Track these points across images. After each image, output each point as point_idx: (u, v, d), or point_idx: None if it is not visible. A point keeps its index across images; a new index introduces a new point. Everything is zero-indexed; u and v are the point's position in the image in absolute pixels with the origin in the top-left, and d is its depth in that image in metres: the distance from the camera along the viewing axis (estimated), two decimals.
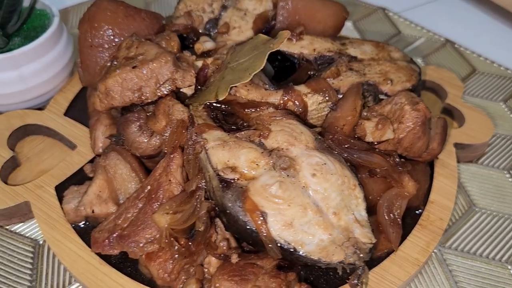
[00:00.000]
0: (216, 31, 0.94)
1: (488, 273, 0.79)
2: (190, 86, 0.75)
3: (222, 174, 0.66)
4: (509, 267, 0.80)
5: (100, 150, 0.84)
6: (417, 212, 0.81)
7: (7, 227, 0.83)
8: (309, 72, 0.86)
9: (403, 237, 0.76)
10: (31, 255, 0.80)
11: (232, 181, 0.66)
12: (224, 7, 0.96)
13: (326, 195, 0.65)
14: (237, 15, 0.95)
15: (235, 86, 0.73)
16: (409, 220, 0.80)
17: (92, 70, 0.85)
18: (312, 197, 0.65)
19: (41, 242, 0.81)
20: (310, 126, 0.80)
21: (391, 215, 0.72)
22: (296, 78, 0.86)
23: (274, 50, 0.71)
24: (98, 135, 0.84)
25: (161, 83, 0.74)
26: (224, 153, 0.68)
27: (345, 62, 0.86)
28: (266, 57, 0.71)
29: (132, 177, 0.75)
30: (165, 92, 0.74)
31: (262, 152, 0.69)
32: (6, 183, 0.84)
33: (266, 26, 0.94)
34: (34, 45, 0.90)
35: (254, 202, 0.63)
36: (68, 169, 0.85)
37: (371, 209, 0.72)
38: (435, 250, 0.81)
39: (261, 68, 0.70)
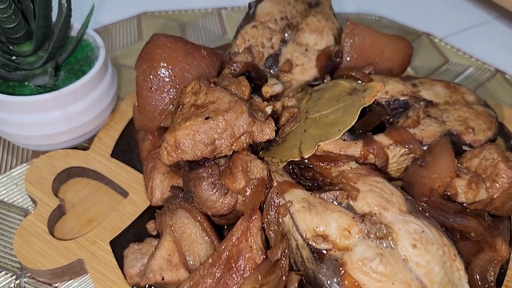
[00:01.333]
0: (277, 68, 0.87)
1: None
2: (269, 139, 0.69)
3: (314, 243, 0.60)
4: None
5: (159, 202, 0.78)
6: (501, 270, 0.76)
7: (56, 285, 0.76)
8: (382, 118, 0.80)
9: None
10: None
11: (325, 252, 0.60)
12: (284, 42, 0.90)
13: (429, 269, 0.60)
14: (298, 51, 0.89)
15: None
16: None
17: (151, 114, 0.78)
18: (414, 272, 0.59)
19: None
20: (389, 179, 0.75)
21: (486, 283, 0.67)
22: (366, 123, 0.80)
23: (366, 105, 0.65)
24: (156, 184, 0.78)
25: (237, 136, 0.68)
26: (312, 218, 0.62)
27: (422, 107, 0.80)
28: (358, 113, 0.65)
29: (203, 239, 0.69)
30: (242, 146, 0.67)
31: (353, 217, 0.63)
32: (53, 235, 0.77)
33: (330, 64, 0.88)
34: (82, 82, 0.83)
35: (354, 279, 0.58)
36: (122, 221, 0.78)
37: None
38: None
39: (353, 124, 0.64)
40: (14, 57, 0.84)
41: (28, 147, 0.92)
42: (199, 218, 0.69)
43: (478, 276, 0.67)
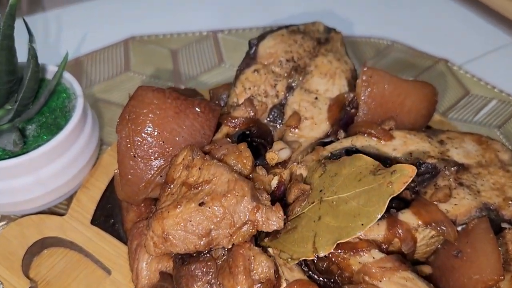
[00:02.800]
0: (282, 121, 0.76)
1: None
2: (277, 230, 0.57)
3: None
4: None
5: None
6: None
7: None
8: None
9: None
10: None
11: None
12: (289, 89, 0.78)
13: None
14: (307, 99, 0.77)
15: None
16: None
17: (135, 186, 0.66)
18: None
19: None
20: (415, 262, 0.64)
21: None
22: None
23: (394, 195, 0.54)
24: (142, 267, 0.66)
25: (238, 226, 0.56)
26: None
27: (453, 173, 0.69)
28: (387, 203, 0.53)
29: None
30: (245, 239, 0.56)
31: None
32: None
33: (343, 116, 0.76)
34: (55, 142, 0.71)
35: None
36: None
37: None
38: None
39: (379, 217, 0.53)
40: None
41: None
42: None
43: None
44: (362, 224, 0.53)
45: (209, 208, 0.56)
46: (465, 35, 1.31)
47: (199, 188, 0.58)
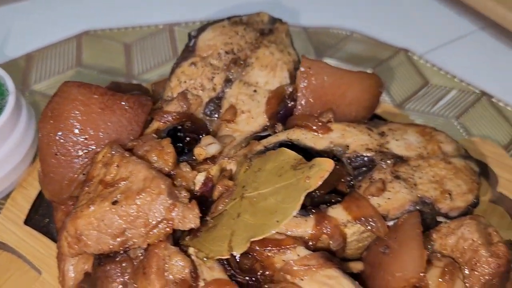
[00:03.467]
0: (218, 116, 0.73)
1: None
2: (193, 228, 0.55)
3: None
4: None
5: None
6: None
7: None
8: (341, 179, 0.67)
9: None
10: None
11: None
12: (228, 81, 0.76)
13: None
14: (245, 92, 0.75)
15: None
16: None
17: (58, 185, 0.64)
18: None
19: None
20: (346, 259, 0.62)
21: None
22: (324, 183, 0.66)
23: (310, 190, 0.52)
24: (68, 268, 0.64)
25: (153, 225, 0.54)
26: None
27: (390, 166, 0.67)
28: (302, 199, 0.51)
29: None
30: (160, 238, 0.54)
31: None
32: None
33: (282, 108, 0.74)
34: None
35: None
36: None
37: None
38: None
39: (294, 214, 0.51)
40: None
41: None
42: None
43: None
44: (278, 221, 0.51)
45: (123, 207, 0.54)
46: (429, 24, 1.28)
47: (115, 186, 0.56)
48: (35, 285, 0.68)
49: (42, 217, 0.76)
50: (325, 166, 0.53)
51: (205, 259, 0.54)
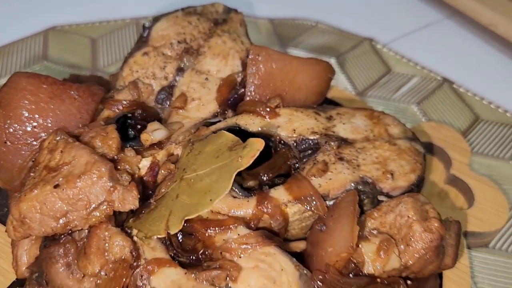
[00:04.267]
0: (168, 103, 0.75)
1: None
2: (133, 209, 0.57)
3: None
4: None
5: (26, 274, 0.65)
6: None
7: None
8: (288, 162, 0.69)
9: None
10: None
11: None
12: (180, 70, 0.77)
13: None
14: (197, 80, 0.76)
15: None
16: None
17: (9, 172, 0.65)
18: None
19: None
20: (289, 239, 0.64)
21: None
22: (271, 166, 0.68)
23: (242, 168, 0.53)
24: (21, 254, 0.65)
25: (94, 207, 0.56)
26: None
27: (334, 148, 0.68)
28: (233, 178, 0.53)
29: None
30: (99, 219, 0.55)
31: None
32: None
33: (233, 95, 0.76)
34: None
35: None
36: None
37: None
38: None
39: (226, 192, 0.52)
40: None
41: None
42: None
43: None
44: (211, 200, 0.53)
45: (64, 190, 0.55)
46: (396, 13, 1.30)
47: (58, 170, 0.57)
48: None
49: (2, 207, 0.77)
50: (256, 145, 0.55)
51: (144, 238, 0.56)
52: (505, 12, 1.16)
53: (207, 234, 0.59)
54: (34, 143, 0.65)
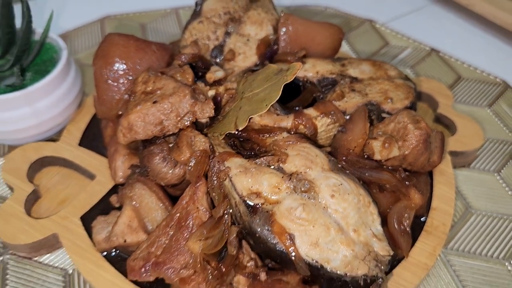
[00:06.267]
0: (222, 57, 0.98)
1: (488, 270, 0.86)
2: (209, 116, 0.80)
3: (248, 200, 0.72)
4: (507, 263, 0.87)
5: (121, 180, 0.88)
6: (422, 219, 0.88)
7: (35, 258, 0.86)
8: (314, 94, 0.92)
9: (412, 243, 0.83)
10: (62, 284, 0.83)
11: (258, 206, 0.71)
12: (227, 34, 1.01)
13: (345, 214, 0.71)
14: (241, 41, 1.00)
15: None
16: (416, 226, 0.86)
17: (109, 104, 0.88)
18: (333, 217, 0.71)
19: (70, 272, 0.85)
20: (320, 146, 0.86)
21: (401, 225, 0.79)
22: (301, 100, 0.92)
23: (289, 81, 0.76)
24: (118, 165, 0.88)
25: (182, 116, 0.78)
26: (247, 180, 0.74)
27: (347, 83, 0.92)
28: (281, 88, 0.76)
29: (158, 206, 0.79)
30: (186, 124, 0.78)
31: (282, 177, 0.74)
32: (30, 216, 0.87)
33: (268, 51, 0.99)
34: (47, 80, 0.93)
35: (282, 225, 0.69)
36: (91, 199, 0.89)
37: (382, 221, 0.78)
38: (439, 253, 0.88)
39: (277, 98, 0.75)
40: None
41: (2, 142, 1.01)
42: (154, 189, 0.80)
43: (394, 221, 0.79)
44: (266, 105, 0.76)
45: (160, 104, 0.78)
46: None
47: (154, 93, 0.80)
48: (92, 183, 0.92)
49: (92, 142, 1.00)
50: (296, 66, 0.78)
51: (218, 136, 0.78)
52: None
53: (260, 138, 0.81)
54: (127, 82, 0.89)
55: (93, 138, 1.00)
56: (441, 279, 0.85)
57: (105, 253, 0.81)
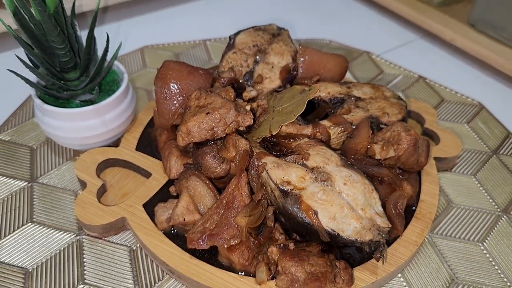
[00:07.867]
0: (252, 81, 1.23)
1: (466, 250, 1.09)
2: (249, 125, 1.04)
3: (281, 186, 0.95)
4: (480, 244, 1.11)
5: (175, 176, 1.11)
6: (413, 208, 1.11)
7: (105, 238, 1.08)
8: (326, 110, 1.16)
9: (405, 226, 1.06)
10: (128, 257, 1.05)
11: (288, 191, 0.94)
12: (256, 62, 1.26)
13: (355, 197, 0.94)
14: (267, 68, 1.25)
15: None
16: (408, 214, 1.10)
17: (166, 116, 1.12)
18: (346, 199, 0.94)
19: (134, 248, 1.06)
20: (333, 149, 1.10)
21: (397, 210, 1.02)
22: (317, 114, 1.16)
23: (310, 99, 1.01)
24: (173, 164, 1.11)
25: (228, 124, 1.02)
26: (280, 172, 0.97)
27: (353, 101, 1.16)
28: (306, 103, 1.00)
29: (209, 194, 1.02)
30: (232, 130, 1.02)
31: (306, 170, 0.97)
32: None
33: (289, 76, 1.24)
34: (114, 97, 1.17)
35: (308, 204, 0.92)
36: (150, 191, 1.11)
37: (382, 205, 1.02)
38: (427, 236, 1.11)
39: (303, 111, 1.00)
40: (63, 81, 1.17)
41: (72, 147, 1.24)
42: (205, 180, 1.03)
43: (391, 206, 1.02)
44: (294, 115, 1.00)
45: (212, 115, 1.02)
46: (384, 34, 1.82)
47: (206, 107, 1.04)
48: (149, 179, 1.15)
49: (146, 147, 1.23)
50: (316, 87, 1.02)
51: (256, 139, 1.02)
52: (461, 32, 1.68)
53: (287, 142, 1.05)
54: (181, 98, 1.12)
55: (147, 145, 1.24)
56: (428, 256, 1.08)
57: (166, 231, 1.04)
